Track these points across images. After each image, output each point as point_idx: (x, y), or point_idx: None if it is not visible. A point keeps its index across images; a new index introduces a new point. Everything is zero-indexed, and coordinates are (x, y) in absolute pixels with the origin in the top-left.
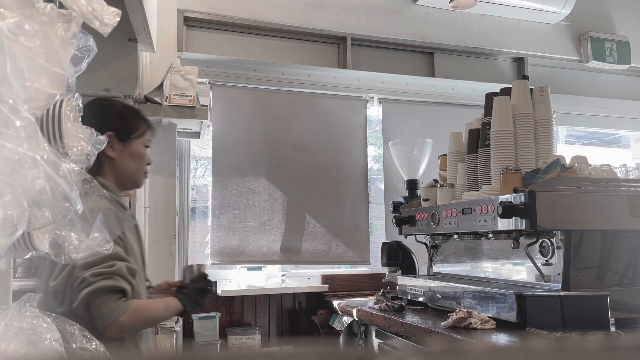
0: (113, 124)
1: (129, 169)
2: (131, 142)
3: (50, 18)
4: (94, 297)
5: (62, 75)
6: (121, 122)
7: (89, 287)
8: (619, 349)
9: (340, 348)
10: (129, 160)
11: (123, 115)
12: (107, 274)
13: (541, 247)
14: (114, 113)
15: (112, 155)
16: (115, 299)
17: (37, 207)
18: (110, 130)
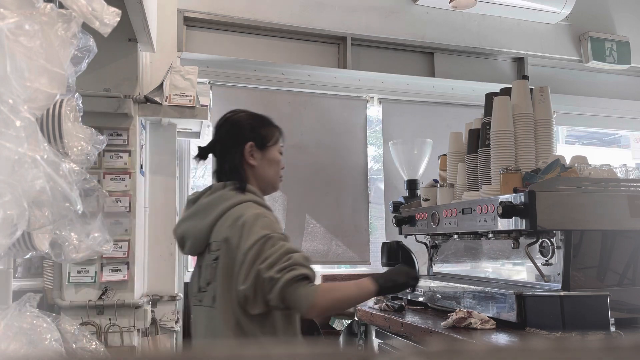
0: (251, 135)
1: (268, 174)
2: (268, 150)
3: (50, 18)
4: (285, 291)
5: (62, 75)
6: (259, 131)
7: (278, 283)
8: (619, 349)
9: (340, 348)
10: (268, 166)
11: (258, 125)
12: (288, 267)
13: (541, 247)
14: (250, 125)
15: (253, 164)
16: (303, 286)
17: (37, 207)
18: (250, 141)
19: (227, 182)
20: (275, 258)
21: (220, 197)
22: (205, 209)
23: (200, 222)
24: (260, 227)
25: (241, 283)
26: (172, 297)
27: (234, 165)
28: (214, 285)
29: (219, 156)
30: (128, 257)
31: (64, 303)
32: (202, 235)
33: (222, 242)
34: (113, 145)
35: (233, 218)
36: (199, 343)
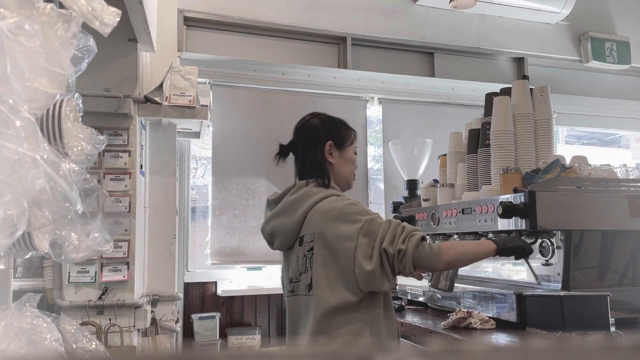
0: (331, 134)
1: (345, 172)
2: (345, 149)
3: (50, 18)
4: (415, 256)
5: (62, 75)
6: (337, 132)
7: (408, 253)
8: (619, 349)
9: (340, 348)
10: (345, 164)
11: (337, 126)
12: (407, 236)
13: (541, 247)
14: (329, 125)
15: (332, 162)
16: (427, 245)
17: (37, 207)
18: (330, 140)
19: (310, 179)
20: (391, 233)
21: (305, 194)
22: (292, 206)
23: (288, 219)
24: (357, 214)
25: (366, 265)
26: (172, 297)
27: (317, 162)
28: (307, 275)
29: (300, 155)
30: (128, 257)
31: (64, 303)
32: (291, 230)
33: (316, 234)
34: (113, 145)
35: (323, 212)
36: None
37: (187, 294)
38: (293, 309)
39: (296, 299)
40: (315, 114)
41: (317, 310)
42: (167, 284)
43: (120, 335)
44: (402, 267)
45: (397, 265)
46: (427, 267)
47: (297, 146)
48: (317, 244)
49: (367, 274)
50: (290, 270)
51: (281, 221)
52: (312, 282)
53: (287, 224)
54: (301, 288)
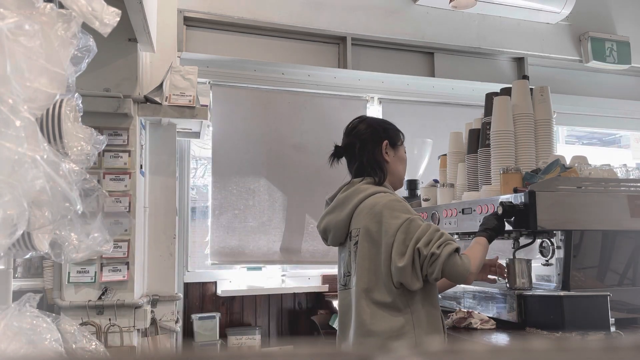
0: (387, 134)
1: (399, 170)
2: (398, 149)
3: (50, 18)
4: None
5: (62, 75)
6: (391, 132)
7: (440, 258)
8: (619, 349)
9: (340, 348)
10: (399, 163)
11: (389, 127)
12: (444, 243)
13: (541, 247)
14: (384, 126)
15: (388, 160)
16: (460, 258)
17: (37, 207)
18: (386, 139)
19: (365, 177)
20: (429, 236)
21: (355, 190)
22: (343, 202)
23: (339, 214)
24: (400, 212)
25: (398, 261)
26: (172, 297)
27: (375, 160)
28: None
29: (358, 155)
30: (128, 257)
31: (64, 303)
32: (342, 225)
33: (361, 228)
34: (113, 145)
35: (369, 207)
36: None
37: (187, 294)
38: (343, 302)
39: (348, 292)
40: (363, 117)
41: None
42: (167, 284)
43: (120, 336)
44: (431, 271)
45: (427, 267)
46: (454, 278)
47: (354, 147)
48: (361, 238)
49: (398, 270)
50: (343, 265)
51: (333, 217)
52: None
53: (338, 220)
54: (352, 281)
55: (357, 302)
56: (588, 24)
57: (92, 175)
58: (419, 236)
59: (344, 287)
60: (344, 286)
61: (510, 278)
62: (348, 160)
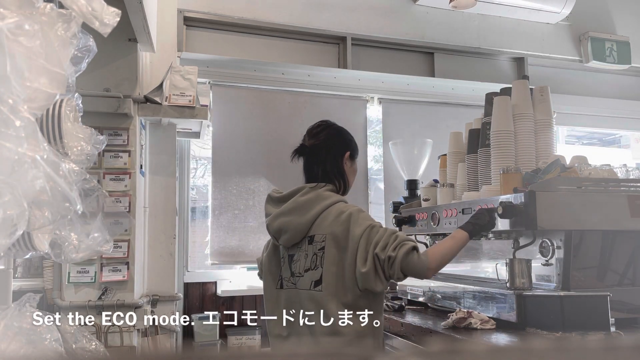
0: (350, 146)
1: (350, 181)
2: (355, 162)
3: (50, 18)
4: (403, 263)
5: (62, 75)
6: (353, 144)
7: (397, 260)
8: (619, 349)
9: (340, 348)
10: (352, 175)
11: (352, 139)
12: (398, 244)
13: (541, 247)
14: (349, 137)
15: (345, 170)
16: (416, 256)
17: (37, 207)
18: (349, 150)
19: (321, 183)
20: (384, 240)
21: (318, 196)
22: (304, 207)
23: (300, 218)
24: (362, 219)
25: (361, 267)
26: (172, 297)
27: (338, 169)
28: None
29: (323, 159)
30: (128, 257)
31: (64, 303)
32: (301, 228)
33: (328, 235)
34: (113, 145)
35: (335, 214)
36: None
37: (187, 294)
38: (291, 301)
39: (296, 292)
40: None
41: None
42: (167, 284)
43: (120, 336)
44: (392, 272)
45: (388, 270)
46: (416, 275)
47: (319, 151)
48: (328, 244)
49: (362, 275)
50: (292, 265)
51: (292, 219)
52: (322, 279)
53: (298, 223)
54: (305, 283)
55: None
56: (588, 24)
57: (92, 175)
58: (376, 241)
59: (294, 286)
60: (294, 285)
61: (510, 279)
62: (309, 161)
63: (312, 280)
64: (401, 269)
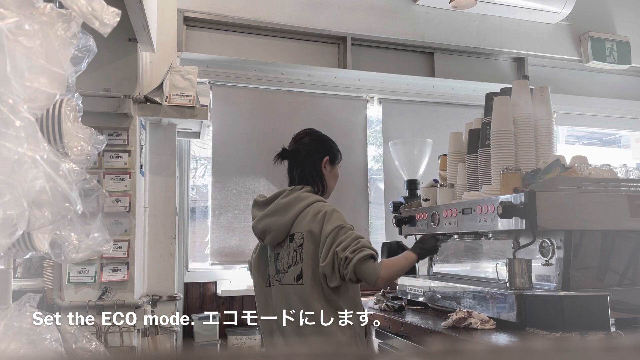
0: (330, 151)
1: (330, 185)
2: (335, 167)
3: (50, 18)
4: (356, 267)
5: (62, 75)
6: (334, 150)
7: (352, 262)
8: (619, 349)
9: (340, 348)
10: (332, 179)
11: (332, 145)
12: (358, 249)
13: (541, 247)
14: (328, 143)
15: (324, 174)
16: (372, 263)
17: (37, 207)
18: (327, 155)
19: (303, 185)
20: (347, 242)
21: (297, 198)
22: (285, 208)
23: (281, 218)
24: (335, 219)
25: (321, 261)
26: (172, 297)
27: (317, 172)
28: (297, 267)
29: (301, 162)
30: (128, 257)
31: (64, 303)
32: (283, 228)
33: (306, 232)
34: (113, 145)
35: (313, 213)
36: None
37: (187, 294)
38: (279, 297)
39: (281, 288)
40: (314, 131)
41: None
42: (167, 284)
43: (120, 336)
44: (345, 272)
45: (342, 269)
46: (366, 281)
47: (299, 155)
48: (306, 241)
49: (321, 268)
50: (278, 263)
51: (274, 220)
52: (302, 273)
53: (280, 223)
54: (289, 278)
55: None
56: (588, 24)
57: (92, 175)
58: (340, 241)
59: (279, 283)
60: (279, 282)
61: (510, 279)
62: (290, 164)
63: (294, 275)
64: (354, 271)
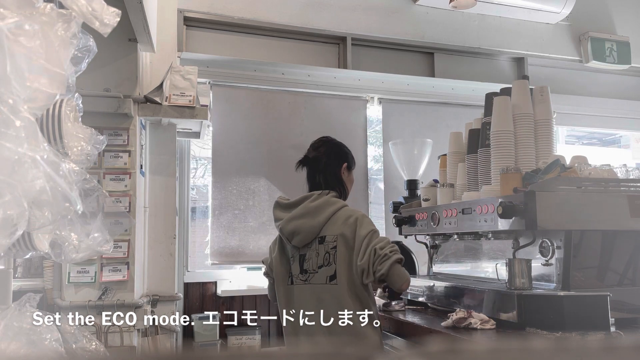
0: (347, 158)
1: (348, 190)
2: (351, 173)
3: (50, 18)
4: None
5: (62, 75)
6: (350, 157)
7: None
8: (619, 349)
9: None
10: (349, 184)
11: (349, 152)
12: (395, 250)
13: (541, 247)
14: (347, 150)
15: (344, 179)
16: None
17: (37, 207)
18: (346, 162)
19: (327, 190)
20: (385, 242)
21: (327, 202)
22: (315, 211)
23: (311, 221)
24: (367, 224)
25: (358, 260)
26: (172, 297)
27: (338, 178)
28: (330, 268)
29: (323, 169)
30: (128, 257)
31: (64, 303)
32: (314, 230)
33: (338, 235)
34: (113, 145)
35: (344, 218)
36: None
37: (187, 294)
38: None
39: (309, 287)
40: (330, 138)
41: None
42: (167, 284)
43: (120, 336)
44: (380, 268)
45: (377, 265)
46: (395, 281)
47: (320, 162)
48: (339, 244)
49: (358, 267)
50: (305, 263)
51: (304, 222)
52: (336, 274)
53: (310, 225)
54: (320, 278)
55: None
56: (588, 24)
57: (92, 175)
58: (377, 241)
59: (304, 282)
60: (304, 281)
61: (510, 279)
62: (311, 171)
63: (327, 275)
64: (389, 268)
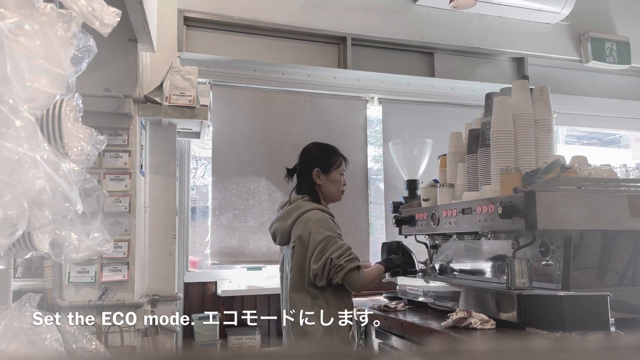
0: (320, 162)
1: (330, 190)
2: (331, 173)
3: (50, 18)
4: (347, 275)
5: (62, 75)
6: (324, 160)
7: (344, 269)
8: (619, 349)
9: (340, 348)
10: (330, 185)
11: (325, 155)
12: (351, 259)
13: (541, 247)
14: (319, 155)
15: (319, 183)
16: (358, 274)
17: (37, 207)
18: (317, 167)
19: (303, 194)
20: (342, 251)
21: (298, 205)
22: (288, 214)
23: (284, 223)
24: (325, 229)
25: (313, 264)
26: (172, 297)
27: (308, 184)
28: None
29: (298, 176)
30: (128, 257)
31: (64, 303)
32: (286, 231)
33: (297, 237)
34: (113, 145)
35: (304, 221)
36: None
37: (187, 294)
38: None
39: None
40: (309, 146)
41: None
42: (167, 284)
43: (120, 336)
44: (334, 276)
45: (333, 273)
46: (350, 287)
47: (296, 170)
48: (297, 244)
49: (312, 271)
50: (286, 262)
51: (280, 224)
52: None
53: (283, 227)
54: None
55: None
56: (588, 24)
57: (92, 175)
58: (335, 249)
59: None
60: (287, 278)
61: (510, 279)
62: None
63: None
64: (343, 278)
